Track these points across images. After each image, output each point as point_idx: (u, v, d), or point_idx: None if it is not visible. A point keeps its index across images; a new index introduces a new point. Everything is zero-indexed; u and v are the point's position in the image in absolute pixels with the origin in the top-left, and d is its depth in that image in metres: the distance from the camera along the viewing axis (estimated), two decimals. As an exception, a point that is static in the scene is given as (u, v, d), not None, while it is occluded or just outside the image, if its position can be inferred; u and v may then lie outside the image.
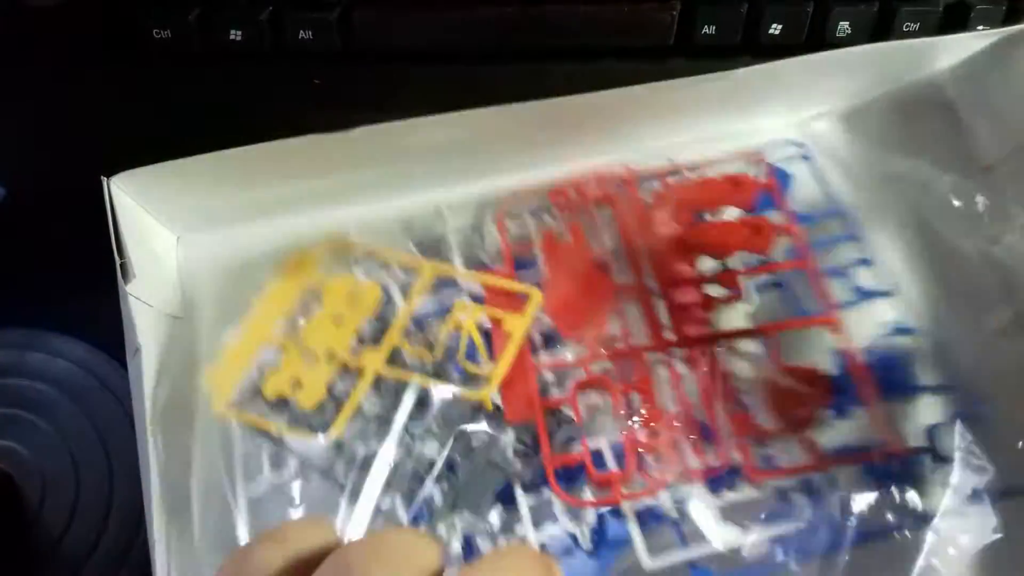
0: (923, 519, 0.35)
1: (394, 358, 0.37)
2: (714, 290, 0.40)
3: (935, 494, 0.35)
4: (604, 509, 0.35)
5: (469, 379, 0.37)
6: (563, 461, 0.36)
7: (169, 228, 0.41)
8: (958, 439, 0.36)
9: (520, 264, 0.40)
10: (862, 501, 0.35)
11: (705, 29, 0.41)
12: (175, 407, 0.38)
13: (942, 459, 0.36)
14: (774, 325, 0.39)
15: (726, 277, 0.40)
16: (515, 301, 0.38)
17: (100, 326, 0.41)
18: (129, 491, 0.39)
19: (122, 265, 0.35)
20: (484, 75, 0.42)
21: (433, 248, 0.41)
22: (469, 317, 0.38)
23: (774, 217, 0.41)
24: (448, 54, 0.42)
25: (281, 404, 0.36)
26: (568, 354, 0.38)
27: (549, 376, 0.38)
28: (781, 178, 0.42)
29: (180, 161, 0.36)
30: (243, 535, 0.35)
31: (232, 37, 0.41)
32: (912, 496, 0.35)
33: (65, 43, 0.41)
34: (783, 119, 0.43)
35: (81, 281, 0.42)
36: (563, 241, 0.40)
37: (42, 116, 0.43)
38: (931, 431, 0.37)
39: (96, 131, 0.42)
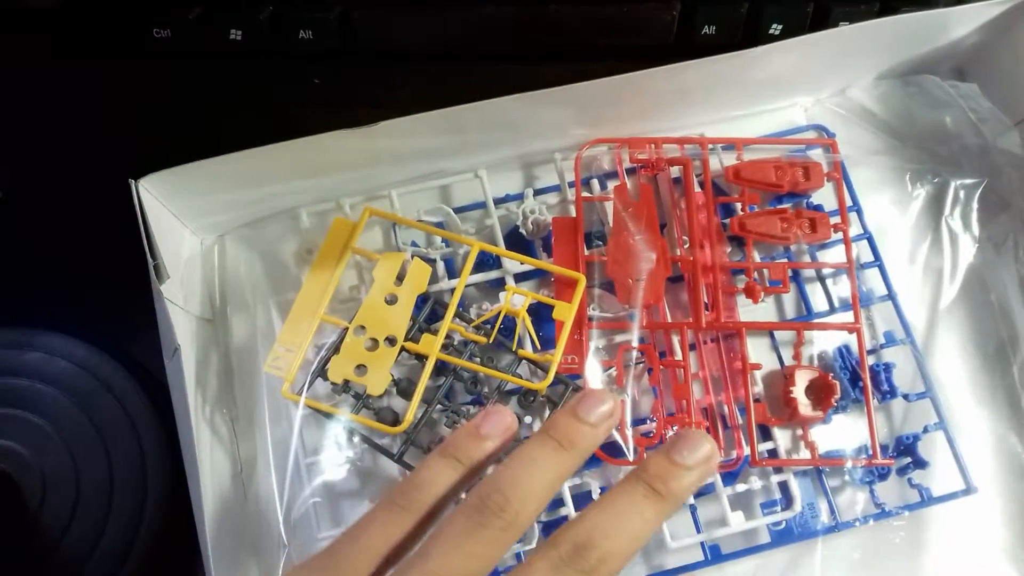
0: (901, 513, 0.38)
1: (450, 343, 0.38)
2: (761, 280, 0.40)
3: (913, 493, 0.38)
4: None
5: (523, 366, 0.38)
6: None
7: (196, 228, 0.41)
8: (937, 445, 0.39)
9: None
10: (851, 494, 0.38)
11: (705, 29, 0.41)
12: (227, 397, 0.39)
13: (922, 462, 0.38)
14: (804, 325, 0.40)
15: (775, 269, 0.40)
16: (562, 284, 0.39)
17: (100, 326, 0.41)
18: (129, 491, 0.39)
19: (156, 267, 0.35)
20: (483, 75, 0.42)
21: (474, 220, 0.42)
22: (520, 304, 0.38)
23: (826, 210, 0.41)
24: (448, 54, 0.42)
25: (346, 387, 0.37)
26: (616, 316, 0.39)
27: (599, 339, 0.39)
28: (844, 171, 0.42)
29: (205, 161, 0.36)
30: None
31: (232, 37, 0.40)
32: (892, 493, 0.38)
33: (65, 43, 0.41)
34: (800, 99, 0.44)
35: (81, 281, 0.42)
36: (633, 200, 0.41)
37: (42, 116, 0.43)
38: (915, 436, 0.39)
39: (96, 131, 0.42)
